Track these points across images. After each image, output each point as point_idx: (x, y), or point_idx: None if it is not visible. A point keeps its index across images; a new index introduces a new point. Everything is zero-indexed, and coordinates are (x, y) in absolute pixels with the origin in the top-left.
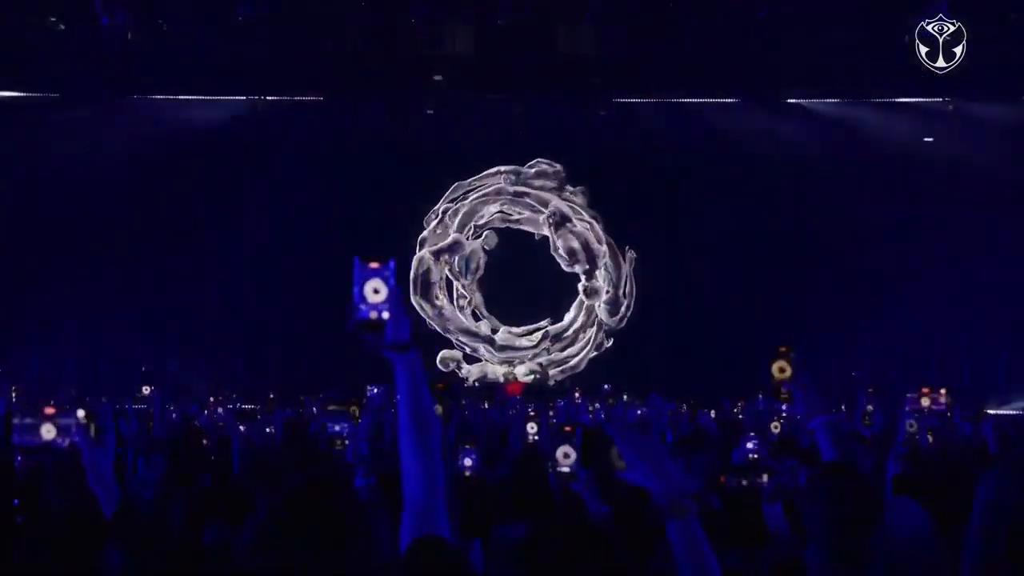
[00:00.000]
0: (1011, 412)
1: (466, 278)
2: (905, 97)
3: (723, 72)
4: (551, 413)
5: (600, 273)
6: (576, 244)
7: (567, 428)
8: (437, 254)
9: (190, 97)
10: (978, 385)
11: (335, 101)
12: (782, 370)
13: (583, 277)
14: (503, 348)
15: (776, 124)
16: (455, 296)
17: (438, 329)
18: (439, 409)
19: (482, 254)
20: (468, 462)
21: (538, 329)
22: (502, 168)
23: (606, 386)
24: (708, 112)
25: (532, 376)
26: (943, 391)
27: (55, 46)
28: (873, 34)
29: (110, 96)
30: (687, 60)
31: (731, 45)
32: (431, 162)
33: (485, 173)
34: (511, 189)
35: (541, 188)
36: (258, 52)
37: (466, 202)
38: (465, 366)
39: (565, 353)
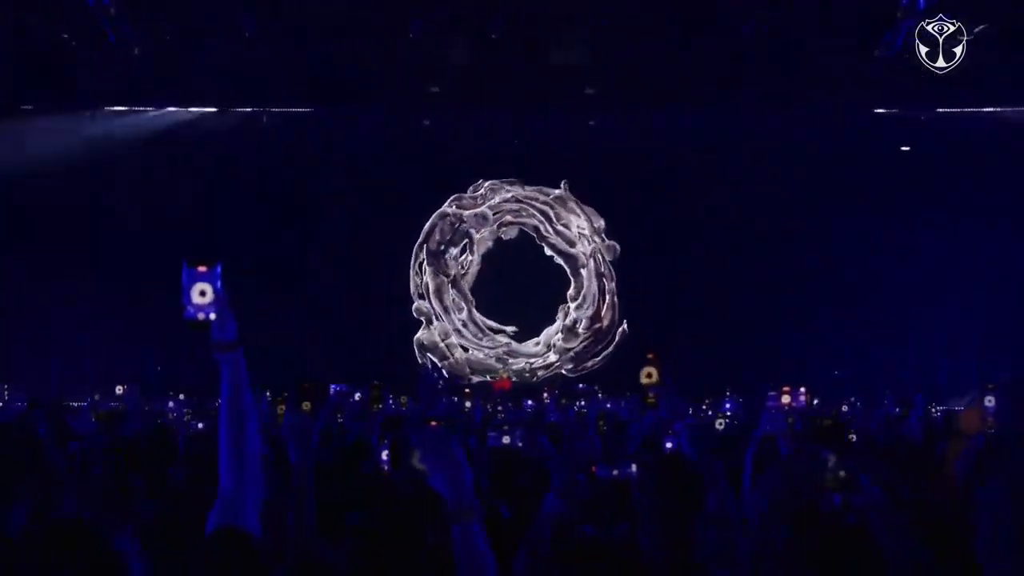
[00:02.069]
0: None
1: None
2: (882, 108)
3: (712, 83)
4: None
5: (584, 322)
6: (588, 289)
7: (433, 423)
8: (459, 215)
9: (192, 108)
10: (955, 384)
11: (335, 112)
12: (649, 375)
13: (571, 315)
14: (464, 335)
15: (764, 132)
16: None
17: (412, 294)
18: (307, 406)
19: (492, 238)
20: (384, 455)
21: (503, 332)
22: (560, 189)
23: (580, 385)
24: (698, 120)
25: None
26: (803, 389)
27: (65, 59)
28: (853, 47)
29: (114, 108)
30: (676, 71)
31: (720, 56)
32: (428, 172)
33: (545, 188)
34: (553, 213)
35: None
36: (260, 65)
37: (514, 194)
38: (436, 324)
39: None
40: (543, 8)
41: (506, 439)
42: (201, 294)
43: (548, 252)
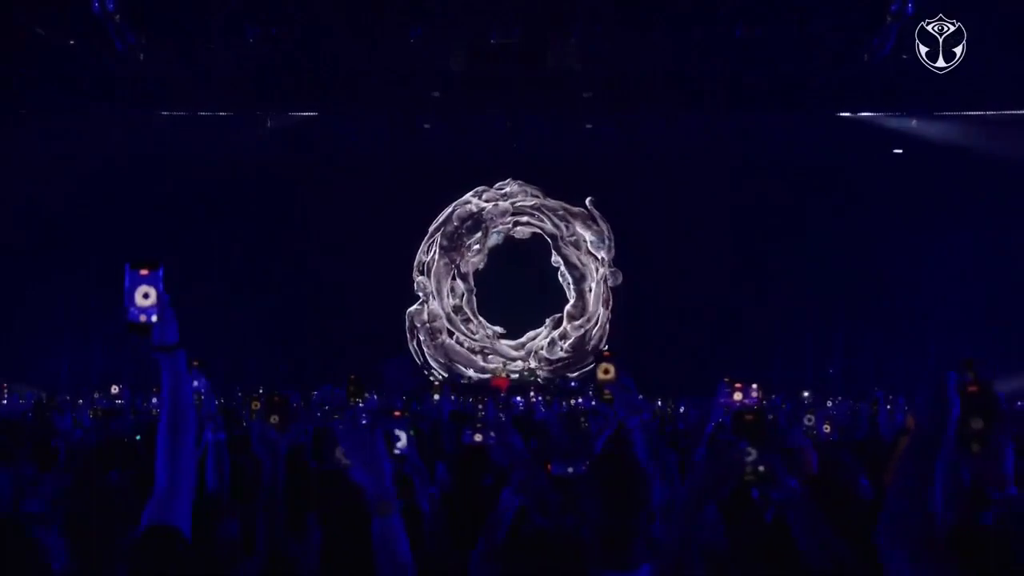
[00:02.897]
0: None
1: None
2: (869, 112)
3: (702, 87)
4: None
5: (573, 340)
6: (593, 311)
7: (396, 413)
8: (480, 206)
9: (199, 113)
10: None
11: (339, 116)
12: (606, 372)
13: (562, 329)
14: (453, 321)
15: (753, 136)
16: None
17: (414, 268)
18: (275, 419)
19: (505, 233)
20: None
21: (492, 329)
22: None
23: (572, 383)
24: (689, 125)
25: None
26: (755, 385)
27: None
28: (839, 52)
29: (124, 112)
30: (669, 76)
31: (710, 62)
32: (428, 173)
33: (568, 205)
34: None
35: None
36: (265, 71)
37: (536, 202)
38: (430, 303)
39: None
40: (540, 15)
41: (479, 436)
42: (144, 296)
43: (555, 263)
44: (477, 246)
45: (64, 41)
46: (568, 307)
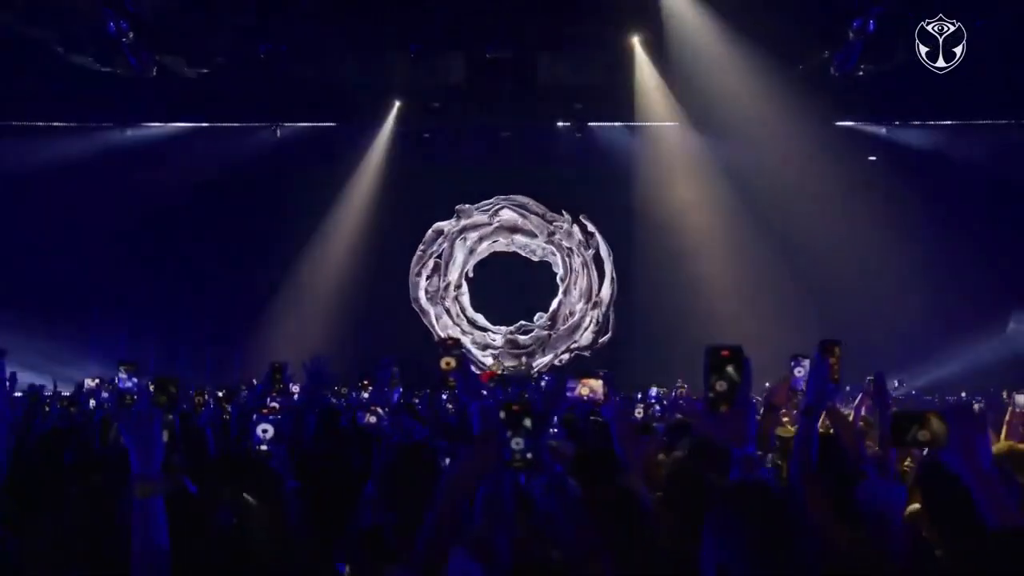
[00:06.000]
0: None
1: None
2: (852, 121)
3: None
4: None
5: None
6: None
7: (265, 410)
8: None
9: (210, 124)
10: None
11: (344, 126)
12: (448, 364)
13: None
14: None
15: (739, 140)
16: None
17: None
18: (163, 399)
19: (504, 243)
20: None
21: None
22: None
23: (546, 378)
24: (676, 133)
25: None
26: (600, 381)
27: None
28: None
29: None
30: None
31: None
32: (428, 179)
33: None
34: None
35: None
36: (274, 84)
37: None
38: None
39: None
40: (535, 29)
41: (372, 418)
42: None
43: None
44: (503, 242)
45: (80, 58)
46: (536, 332)
